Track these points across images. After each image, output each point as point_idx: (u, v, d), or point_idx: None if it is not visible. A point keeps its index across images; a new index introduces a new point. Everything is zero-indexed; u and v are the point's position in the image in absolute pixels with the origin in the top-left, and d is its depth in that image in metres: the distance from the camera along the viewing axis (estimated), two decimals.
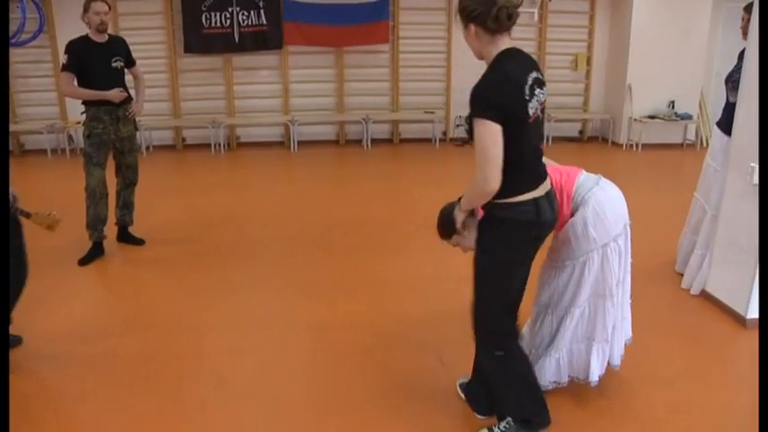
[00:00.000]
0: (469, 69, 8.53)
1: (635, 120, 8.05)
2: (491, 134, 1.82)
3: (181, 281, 3.87)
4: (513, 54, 1.96)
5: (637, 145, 8.15)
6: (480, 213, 2.13)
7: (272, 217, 5.11)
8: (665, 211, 5.19)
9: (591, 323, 2.48)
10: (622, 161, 7.45)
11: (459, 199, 2.49)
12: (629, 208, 2.46)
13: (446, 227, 2.47)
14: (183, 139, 8.40)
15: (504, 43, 1.97)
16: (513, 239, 1.99)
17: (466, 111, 1.94)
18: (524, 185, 1.98)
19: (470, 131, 1.87)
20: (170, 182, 6.51)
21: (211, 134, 8.13)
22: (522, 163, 1.95)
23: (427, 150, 7.88)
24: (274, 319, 3.37)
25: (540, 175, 2.01)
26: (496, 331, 2.15)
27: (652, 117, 8.07)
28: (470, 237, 2.43)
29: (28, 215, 2.24)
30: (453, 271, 3.81)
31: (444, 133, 8.36)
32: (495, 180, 1.83)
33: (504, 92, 1.88)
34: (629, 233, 2.45)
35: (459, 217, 2.09)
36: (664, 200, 5.56)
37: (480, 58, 2.02)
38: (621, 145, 8.21)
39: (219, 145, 8.17)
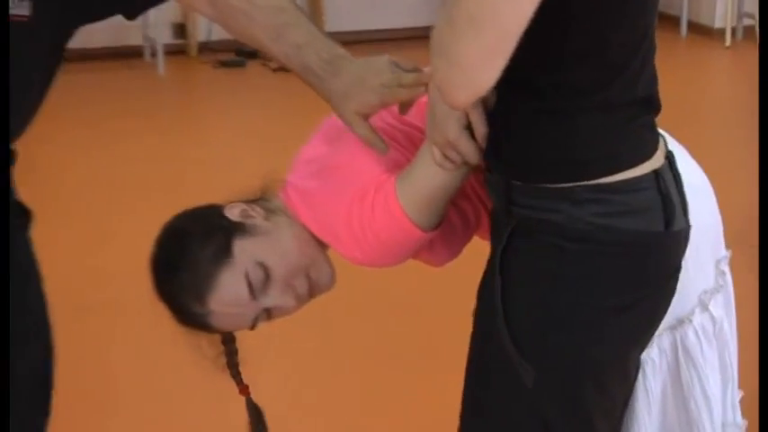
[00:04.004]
0: None
1: None
2: None
3: None
4: None
5: (746, 30, 7.39)
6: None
7: None
8: None
9: None
10: (715, 75, 6.97)
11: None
12: (730, 209, 2.09)
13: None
14: None
15: None
16: (611, 284, 1.59)
17: None
18: (636, 141, 1.56)
19: None
20: None
21: None
22: (632, 81, 1.54)
23: (128, 80, 6.71)
24: None
25: (654, 118, 1.63)
26: None
27: None
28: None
29: None
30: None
31: (183, 31, 7.02)
32: (480, 67, 1.35)
33: None
34: (730, 281, 1.94)
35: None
36: None
37: None
38: (710, 29, 7.47)
39: None
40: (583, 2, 1.42)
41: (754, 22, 7.18)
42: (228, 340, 1.82)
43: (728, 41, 7.23)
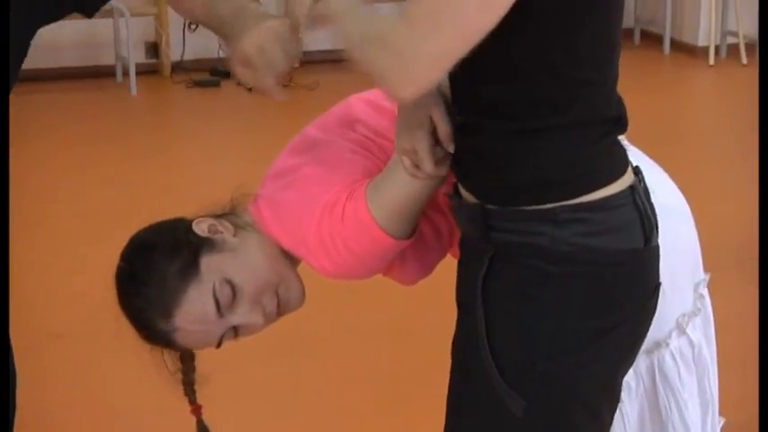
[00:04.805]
0: None
1: None
2: None
3: None
4: None
5: (730, 48, 7.40)
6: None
7: None
8: None
9: None
10: (699, 94, 6.96)
11: None
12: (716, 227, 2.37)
13: None
14: None
15: None
16: (598, 306, 1.58)
17: None
18: (609, 158, 1.57)
19: None
20: None
21: None
22: (605, 98, 1.56)
23: (101, 101, 6.60)
24: None
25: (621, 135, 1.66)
26: None
27: None
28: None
29: None
30: None
31: (157, 50, 6.94)
32: (432, 66, 1.39)
33: None
34: (708, 305, 1.97)
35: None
36: None
37: None
38: (694, 48, 7.47)
39: None
40: (544, 10, 1.45)
41: (737, 40, 7.24)
42: (187, 358, 1.82)
43: (712, 60, 7.26)
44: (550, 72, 1.44)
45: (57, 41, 6.86)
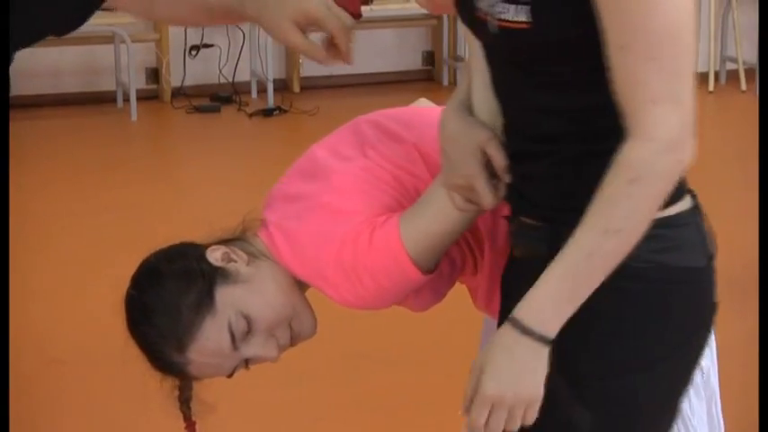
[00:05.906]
0: None
1: None
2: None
3: None
4: None
5: (729, 74, 7.38)
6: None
7: None
8: None
9: None
10: (698, 120, 7.00)
11: None
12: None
13: None
14: None
15: None
16: (670, 323, 1.57)
17: None
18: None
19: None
20: None
21: None
22: None
23: (102, 126, 6.48)
24: None
25: None
26: None
27: None
28: None
29: None
30: None
31: (157, 76, 6.90)
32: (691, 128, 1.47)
33: None
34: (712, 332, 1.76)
35: None
36: None
37: None
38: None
39: None
40: None
41: (736, 66, 7.19)
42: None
43: (711, 86, 7.21)
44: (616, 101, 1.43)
45: (57, 67, 6.75)
